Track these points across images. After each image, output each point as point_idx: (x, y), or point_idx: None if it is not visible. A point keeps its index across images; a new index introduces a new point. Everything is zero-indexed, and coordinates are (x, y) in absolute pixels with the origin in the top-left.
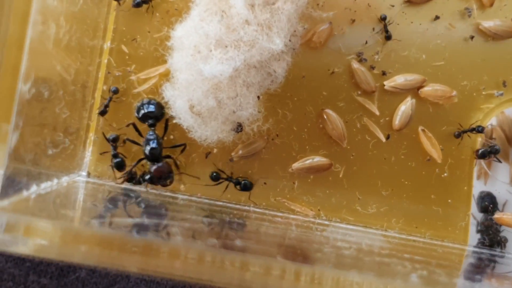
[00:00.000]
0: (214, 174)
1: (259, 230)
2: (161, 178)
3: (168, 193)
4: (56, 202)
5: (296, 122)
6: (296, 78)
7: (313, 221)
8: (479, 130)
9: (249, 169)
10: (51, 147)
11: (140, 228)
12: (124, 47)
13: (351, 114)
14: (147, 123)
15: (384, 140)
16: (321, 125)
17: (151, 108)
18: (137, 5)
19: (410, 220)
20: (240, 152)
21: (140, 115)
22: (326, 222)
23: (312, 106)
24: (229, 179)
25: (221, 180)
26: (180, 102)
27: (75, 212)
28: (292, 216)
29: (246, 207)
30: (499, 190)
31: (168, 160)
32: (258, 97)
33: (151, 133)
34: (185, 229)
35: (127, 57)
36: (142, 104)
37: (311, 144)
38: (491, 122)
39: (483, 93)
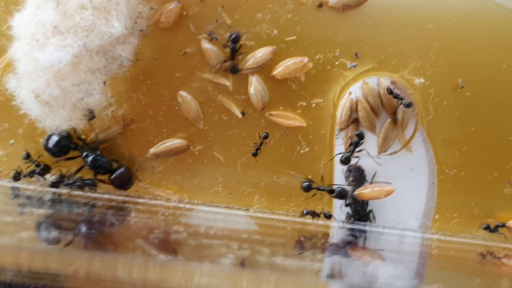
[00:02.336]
0: (306, 183)
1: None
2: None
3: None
4: None
5: (151, 105)
6: (147, 60)
7: (176, 206)
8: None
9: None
10: None
11: None
12: None
13: (206, 94)
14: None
15: (240, 116)
16: (176, 108)
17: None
18: None
19: (273, 197)
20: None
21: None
22: (188, 206)
23: (166, 89)
24: (321, 188)
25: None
26: (24, 92)
27: None
28: (154, 201)
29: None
30: (367, 162)
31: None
32: (105, 82)
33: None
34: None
35: None
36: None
37: (168, 127)
38: (355, 94)
39: (337, 65)
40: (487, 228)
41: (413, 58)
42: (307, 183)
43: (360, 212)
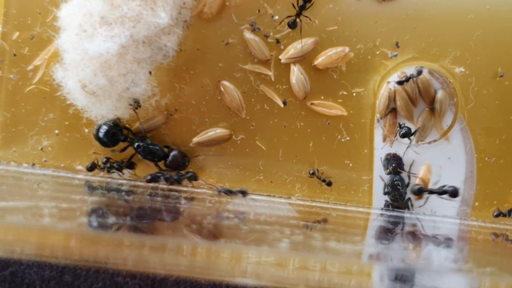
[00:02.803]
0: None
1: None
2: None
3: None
4: None
5: (194, 95)
6: (190, 51)
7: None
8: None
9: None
10: None
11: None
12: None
13: (248, 84)
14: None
15: (282, 105)
16: (219, 97)
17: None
18: None
19: (314, 186)
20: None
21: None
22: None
23: (209, 79)
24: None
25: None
26: (71, 82)
27: None
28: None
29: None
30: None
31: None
32: (150, 72)
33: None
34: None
35: (20, 40)
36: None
37: (211, 116)
38: (393, 84)
39: (378, 54)
40: (499, 214)
41: (453, 47)
42: (418, 187)
43: (399, 200)
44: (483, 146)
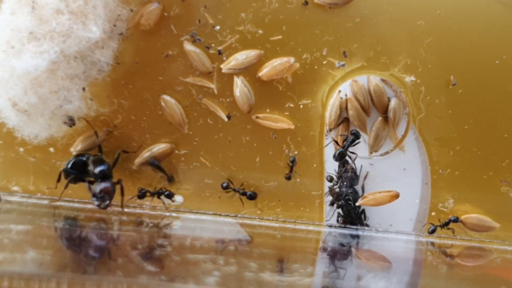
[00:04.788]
0: (225, 184)
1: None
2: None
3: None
4: None
5: (133, 110)
6: (129, 64)
7: (159, 214)
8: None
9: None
10: None
11: None
12: None
13: (190, 98)
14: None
15: (226, 119)
16: (160, 112)
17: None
18: None
19: (262, 202)
20: (79, 147)
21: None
22: (174, 214)
23: (148, 93)
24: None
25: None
26: (1, 101)
27: None
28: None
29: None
30: (359, 162)
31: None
32: (84, 88)
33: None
34: None
35: None
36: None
37: (152, 132)
38: (344, 93)
39: (325, 64)
40: (434, 230)
41: (403, 55)
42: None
43: (352, 213)
44: (437, 157)
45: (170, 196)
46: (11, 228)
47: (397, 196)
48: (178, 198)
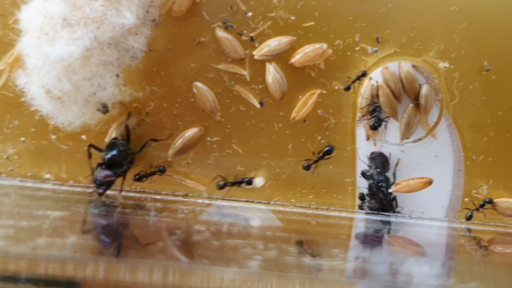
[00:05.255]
0: (221, 183)
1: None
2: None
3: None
4: None
5: (166, 98)
6: (161, 51)
7: (191, 201)
8: (364, 74)
9: None
10: None
11: None
12: None
13: (222, 85)
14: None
15: (258, 106)
16: (192, 99)
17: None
18: None
19: (294, 189)
20: (114, 133)
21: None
22: (207, 202)
23: (181, 80)
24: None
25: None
26: (34, 88)
27: None
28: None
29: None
30: (391, 149)
31: None
32: (117, 75)
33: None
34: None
35: None
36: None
37: (184, 119)
38: (375, 80)
39: (357, 50)
40: (471, 216)
41: (437, 41)
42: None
43: (384, 201)
44: (471, 144)
45: (250, 182)
46: (48, 214)
47: (430, 182)
48: (259, 180)
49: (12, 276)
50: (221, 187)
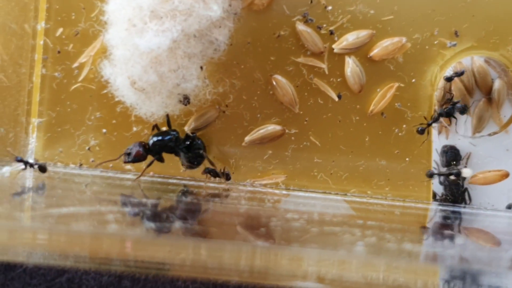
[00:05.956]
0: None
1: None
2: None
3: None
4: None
5: (245, 90)
6: (241, 44)
7: (270, 191)
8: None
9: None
10: None
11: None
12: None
13: (301, 78)
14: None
15: (336, 99)
16: (271, 92)
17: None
18: None
19: (370, 181)
20: (193, 125)
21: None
22: (284, 192)
23: (260, 73)
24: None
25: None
26: (120, 79)
27: (22, 205)
28: (249, 188)
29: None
30: (462, 142)
31: None
32: (201, 67)
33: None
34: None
35: (63, 36)
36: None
37: (263, 112)
38: (448, 72)
39: (436, 44)
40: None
41: None
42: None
43: (455, 192)
44: None
45: (458, 174)
46: (146, 202)
47: (507, 175)
48: (467, 171)
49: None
50: (430, 176)
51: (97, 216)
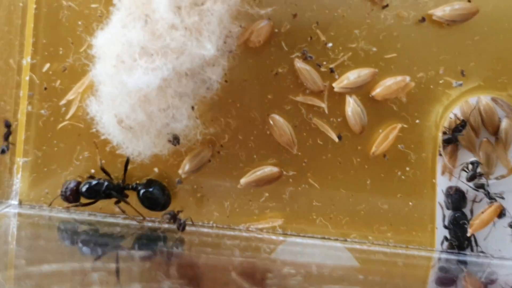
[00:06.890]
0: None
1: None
2: None
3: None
4: None
5: (241, 130)
6: (237, 82)
7: (266, 237)
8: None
9: (199, 185)
10: None
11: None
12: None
13: (299, 117)
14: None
15: (336, 140)
16: (268, 132)
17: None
18: None
19: (372, 226)
20: (187, 166)
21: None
22: (281, 238)
23: (257, 112)
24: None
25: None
26: (106, 117)
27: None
28: (244, 234)
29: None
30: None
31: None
32: (193, 107)
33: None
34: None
35: (50, 72)
36: None
37: (259, 153)
38: (454, 112)
39: (441, 83)
40: None
41: None
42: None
43: (461, 237)
44: None
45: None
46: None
47: (500, 207)
48: None
49: None
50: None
51: (80, 276)
